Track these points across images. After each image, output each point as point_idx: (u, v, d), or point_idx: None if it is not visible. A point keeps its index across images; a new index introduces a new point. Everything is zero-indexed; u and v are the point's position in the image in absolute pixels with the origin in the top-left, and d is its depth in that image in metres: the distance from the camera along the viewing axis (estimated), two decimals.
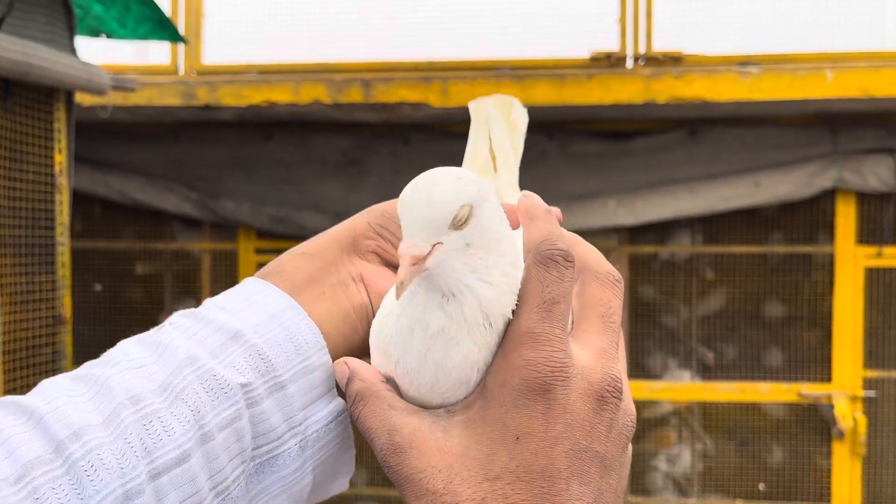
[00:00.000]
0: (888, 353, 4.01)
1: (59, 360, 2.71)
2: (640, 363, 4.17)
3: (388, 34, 4.14)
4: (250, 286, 0.56)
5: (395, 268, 0.54)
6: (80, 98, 3.02)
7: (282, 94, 3.74)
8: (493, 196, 0.51)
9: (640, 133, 4.08)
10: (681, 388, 4.13)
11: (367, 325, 0.57)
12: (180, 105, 3.79)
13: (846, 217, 4.00)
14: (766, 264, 4.11)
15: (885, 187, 3.88)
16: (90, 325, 4.31)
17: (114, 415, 0.48)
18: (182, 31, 3.86)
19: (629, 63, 3.77)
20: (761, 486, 4.10)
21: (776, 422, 4.09)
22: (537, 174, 3.91)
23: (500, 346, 0.49)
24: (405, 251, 0.47)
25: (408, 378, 0.51)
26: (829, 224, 4.04)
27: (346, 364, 0.53)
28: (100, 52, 3.59)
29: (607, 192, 4.04)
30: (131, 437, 0.47)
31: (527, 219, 0.53)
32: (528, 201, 0.54)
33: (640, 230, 4.13)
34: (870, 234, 4.00)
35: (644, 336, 4.18)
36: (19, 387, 2.50)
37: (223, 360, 0.51)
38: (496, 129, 0.71)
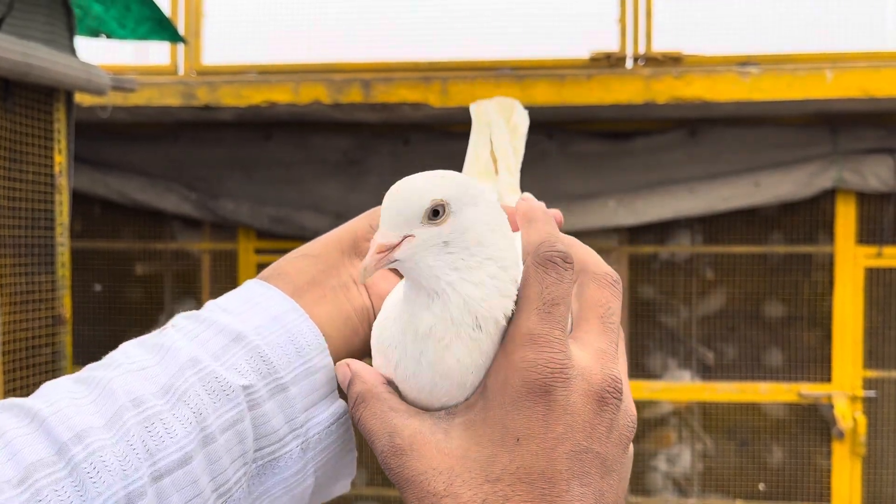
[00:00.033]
0: (888, 353, 4.01)
1: (58, 360, 2.71)
2: (640, 363, 4.17)
3: (388, 34, 4.13)
4: (252, 288, 0.56)
5: (397, 270, 0.54)
6: (80, 98, 3.02)
7: (282, 95, 3.73)
8: (487, 201, 0.51)
9: (640, 133, 4.08)
10: (681, 388, 4.13)
11: (369, 326, 0.58)
12: (180, 105, 3.79)
13: (846, 217, 4.00)
14: (766, 264, 4.11)
15: (885, 187, 3.88)
16: (90, 326, 4.31)
17: (116, 417, 0.48)
18: (182, 31, 3.86)
19: (629, 63, 3.77)
20: (761, 486, 4.10)
21: (776, 422, 4.09)
22: (537, 174, 3.91)
23: (501, 348, 0.50)
24: (374, 239, 0.49)
25: (407, 382, 0.51)
26: (828, 224, 4.03)
27: (348, 366, 0.54)
28: (99, 53, 3.59)
29: (607, 192, 4.04)
30: (133, 439, 0.47)
31: (525, 221, 0.53)
32: (526, 204, 0.55)
33: (640, 230, 4.13)
34: (870, 234, 4.00)
35: (644, 336, 4.18)
36: (19, 387, 2.50)
37: (225, 363, 0.52)
38: (497, 132, 0.71)
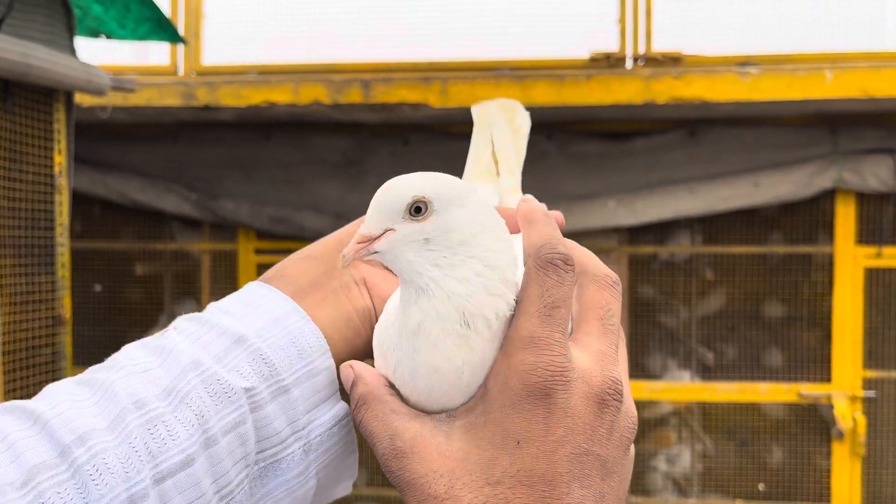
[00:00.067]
0: (888, 354, 4.01)
1: (58, 360, 2.71)
2: (639, 363, 4.17)
3: (388, 34, 4.13)
4: (253, 290, 0.56)
5: None
6: (80, 99, 3.02)
7: (281, 95, 3.73)
8: (478, 203, 0.51)
9: (640, 133, 4.08)
10: (680, 388, 4.13)
11: (370, 328, 0.58)
12: (180, 105, 3.79)
13: (846, 217, 4.00)
14: (766, 264, 4.11)
15: (885, 187, 3.88)
16: (90, 326, 4.31)
17: (118, 419, 0.48)
18: (181, 31, 3.85)
19: (629, 63, 3.77)
20: (761, 486, 4.10)
21: (776, 422, 4.09)
22: (537, 175, 3.91)
23: (501, 350, 0.50)
24: (358, 231, 0.51)
25: (406, 385, 0.51)
26: (828, 224, 4.03)
27: (352, 367, 0.54)
28: (99, 53, 3.59)
29: (607, 192, 4.04)
30: (136, 441, 0.48)
31: (525, 223, 0.53)
32: (527, 206, 0.55)
33: (640, 230, 4.13)
34: (869, 234, 4.00)
35: (644, 336, 4.18)
36: (19, 387, 2.50)
37: (227, 365, 0.52)
38: (499, 133, 0.71)
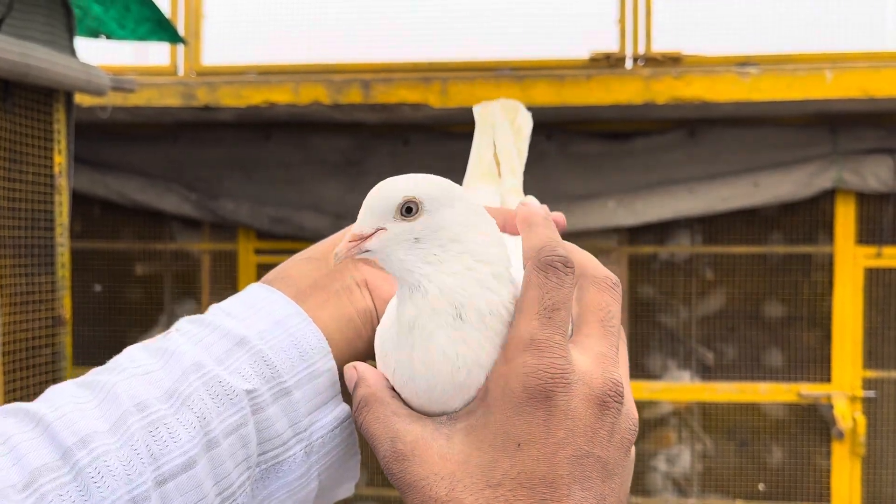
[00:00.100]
0: (888, 354, 4.01)
1: (58, 361, 2.70)
2: (639, 363, 4.17)
3: (388, 34, 4.13)
4: (255, 292, 0.57)
5: None
6: (80, 99, 3.02)
7: (281, 95, 3.73)
8: (466, 203, 0.52)
9: (640, 133, 4.08)
10: (680, 388, 4.13)
11: (372, 329, 0.58)
12: (180, 106, 3.79)
13: (846, 217, 4.00)
14: (766, 264, 4.11)
15: (885, 187, 3.88)
16: (90, 326, 4.30)
17: (120, 421, 0.48)
18: (181, 31, 3.85)
19: (628, 63, 3.77)
20: (761, 486, 4.10)
21: (776, 422, 4.09)
22: (537, 175, 3.89)
23: (501, 353, 0.50)
24: (350, 230, 0.52)
25: (406, 386, 0.51)
26: (828, 224, 4.03)
27: (355, 368, 0.54)
28: (99, 53, 3.59)
29: (607, 192, 4.04)
30: (138, 443, 0.48)
31: (525, 227, 0.53)
32: (526, 209, 0.55)
33: (640, 230, 4.13)
34: (869, 234, 4.00)
35: (644, 336, 4.18)
36: (19, 388, 2.50)
37: (229, 367, 0.52)
38: (500, 134, 0.71)
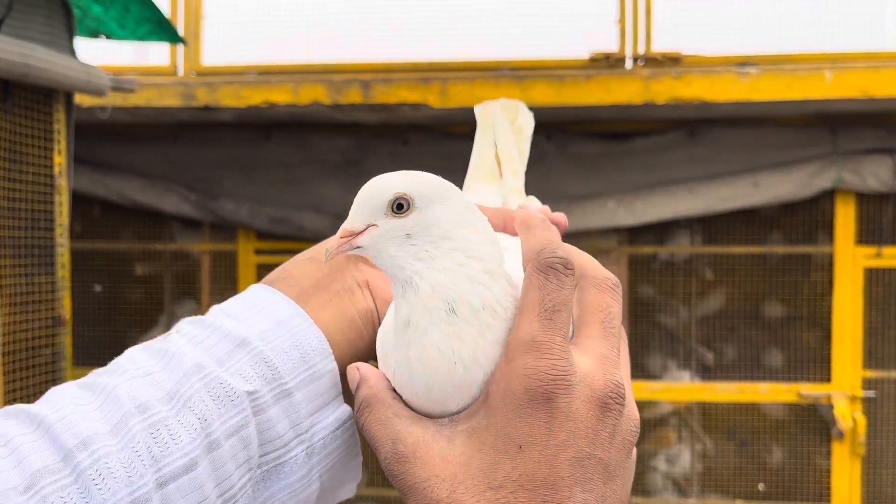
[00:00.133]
0: (888, 353, 4.01)
1: (58, 361, 2.70)
2: (639, 363, 4.17)
3: (388, 34, 4.13)
4: (256, 293, 0.56)
5: None
6: (80, 99, 3.02)
7: (281, 95, 3.73)
8: (458, 201, 0.52)
9: (640, 133, 4.08)
10: (680, 388, 4.13)
11: (373, 330, 0.58)
12: (180, 106, 3.79)
13: (845, 217, 4.00)
14: (766, 264, 4.11)
15: (885, 188, 3.88)
16: (90, 326, 4.30)
17: (121, 423, 0.48)
18: (181, 31, 3.85)
19: (628, 64, 3.77)
20: (761, 486, 4.10)
21: (776, 422, 4.09)
22: (537, 175, 3.88)
23: (502, 355, 0.49)
24: (341, 227, 0.51)
25: (406, 388, 0.51)
26: (828, 224, 4.04)
27: (358, 369, 0.54)
28: (99, 53, 3.59)
29: (607, 192, 4.04)
30: (139, 445, 0.47)
31: (524, 229, 0.53)
32: (525, 212, 0.55)
33: (640, 230, 4.13)
34: (869, 234, 4.00)
35: (644, 336, 4.18)
36: (19, 388, 2.50)
37: (230, 368, 0.52)
38: (502, 134, 0.71)
